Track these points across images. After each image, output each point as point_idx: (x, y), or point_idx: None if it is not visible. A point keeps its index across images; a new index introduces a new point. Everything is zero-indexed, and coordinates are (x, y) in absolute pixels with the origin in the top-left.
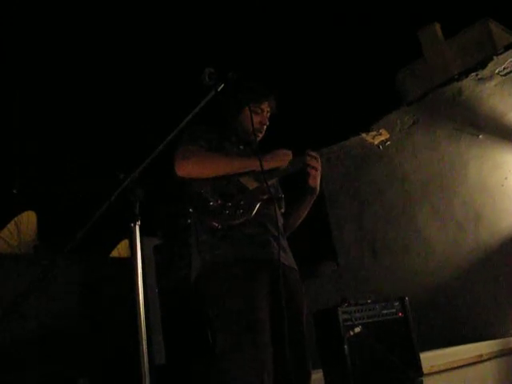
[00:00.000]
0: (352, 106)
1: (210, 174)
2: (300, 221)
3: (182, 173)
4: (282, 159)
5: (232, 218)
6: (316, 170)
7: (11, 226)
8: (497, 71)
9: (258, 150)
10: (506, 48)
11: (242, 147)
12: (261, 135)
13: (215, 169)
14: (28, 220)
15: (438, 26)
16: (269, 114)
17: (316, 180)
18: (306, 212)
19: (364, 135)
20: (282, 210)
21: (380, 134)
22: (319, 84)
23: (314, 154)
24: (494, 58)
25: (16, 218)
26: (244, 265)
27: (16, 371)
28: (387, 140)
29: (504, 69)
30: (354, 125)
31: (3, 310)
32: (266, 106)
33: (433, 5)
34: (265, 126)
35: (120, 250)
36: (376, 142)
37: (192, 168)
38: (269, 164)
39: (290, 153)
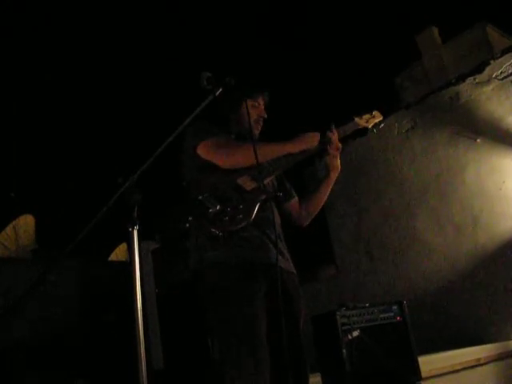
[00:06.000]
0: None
1: (252, 163)
2: (321, 205)
3: (228, 164)
4: (311, 141)
5: (232, 224)
6: (337, 149)
7: (9, 229)
8: (494, 75)
9: (255, 143)
10: (503, 52)
11: (240, 143)
12: (260, 128)
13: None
14: (26, 224)
15: (435, 30)
16: (263, 107)
17: (337, 158)
18: (327, 194)
19: (357, 119)
20: (296, 200)
21: (373, 117)
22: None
23: (332, 132)
24: (492, 62)
25: (14, 222)
26: (242, 268)
27: (15, 373)
28: (381, 122)
29: (501, 73)
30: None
31: (2, 313)
32: (261, 100)
33: (430, 9)
34: (262, 119)
35: (118, 254)
36: (370, 126)
37: (237, 158)
38: (300, 147)
39: (317, 134)
